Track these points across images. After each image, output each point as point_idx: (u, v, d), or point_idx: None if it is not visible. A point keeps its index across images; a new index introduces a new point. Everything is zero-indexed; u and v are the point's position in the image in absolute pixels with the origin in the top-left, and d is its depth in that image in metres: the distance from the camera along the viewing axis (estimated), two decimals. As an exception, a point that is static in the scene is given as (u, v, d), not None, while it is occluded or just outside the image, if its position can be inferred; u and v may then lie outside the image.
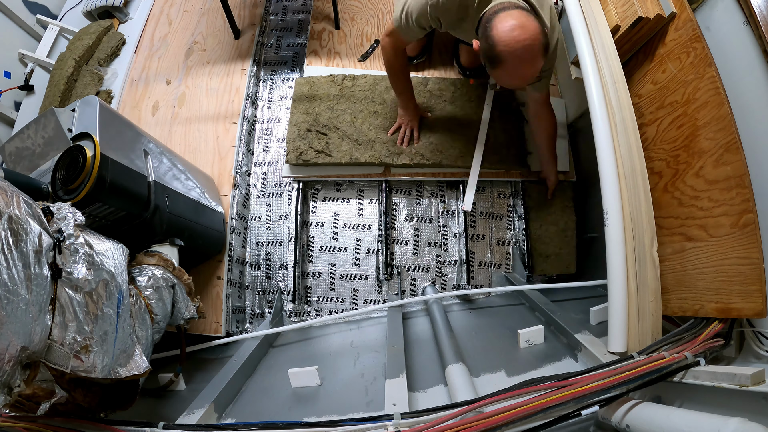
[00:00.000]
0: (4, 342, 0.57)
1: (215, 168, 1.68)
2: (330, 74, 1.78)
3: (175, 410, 1.00)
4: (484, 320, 1.46)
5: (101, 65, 1.93)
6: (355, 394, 1.06)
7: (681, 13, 1.14)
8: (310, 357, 1.37)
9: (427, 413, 0.76)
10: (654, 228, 1.06)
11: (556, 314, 1.23)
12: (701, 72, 1.05)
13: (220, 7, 1.90)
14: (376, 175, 1.66)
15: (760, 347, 0.90)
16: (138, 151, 1.12)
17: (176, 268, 1.09)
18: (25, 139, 1.05)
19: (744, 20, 1.01)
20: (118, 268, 0.80)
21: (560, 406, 0.71)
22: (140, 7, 2.16)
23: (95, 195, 0.91)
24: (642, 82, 1.28)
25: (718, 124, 0.99)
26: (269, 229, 1.76)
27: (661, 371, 0.78)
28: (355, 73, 1.78)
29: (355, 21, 2.01)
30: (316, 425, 0.76)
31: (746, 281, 0.89)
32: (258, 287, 1.70)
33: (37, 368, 0.63)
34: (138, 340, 0.84)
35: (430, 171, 1.66)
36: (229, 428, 0.80)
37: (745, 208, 0.91)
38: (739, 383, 0.71)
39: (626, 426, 0.73)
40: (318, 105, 1.70)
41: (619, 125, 1.09)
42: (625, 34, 1.21)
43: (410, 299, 1.58)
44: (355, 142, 1.62)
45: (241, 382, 1.16)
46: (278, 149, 1.87)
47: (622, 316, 1.00)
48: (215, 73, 1.91)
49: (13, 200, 0.64)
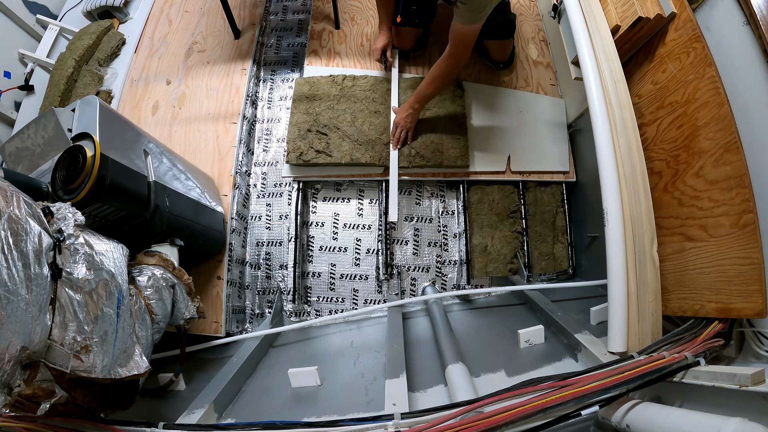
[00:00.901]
0: (4, 342, 0.57)
1: (215, 168, 1.68)
2: (330, 74, 1.79)
3: (175, 410, 1.00)
4: (484, 320, 1.46)
5: (101, 65, 1.93)
6: (355, 394, 1.06)
7: (681, 13, 1.14)
8: (310, 357, 1.37)
9: (427, 413, 0.76)
10: (654, 228, 1.06)
11: (556, 314, 1.23)
12: (701, 72, 1.05)
13: (220, 7, 1.90)
14: (377, 175, 1.66)
15: (760, 347, 0.91)
16: (138, 151, 1.12)
17: (176, 268, 1.09)
18: (25, 139, 1.05)
19: (744, 20, 1.01)
20: (118, 268, 0.80)
21: (560, 406, 0.71)
22: (140, 7, 2.16)
23: (95, 195, 0.91)
24: (642, 82, 1.28)
25: (718, 124, 0.99)
26: (269, 229, 1.76)
27: (661, 371, 0.78)
28: (355, 74, 1.78)
29: (355, 21, 2.01)
30: (316, 425, 0.76)
31: (746, 281, 0.89)
32: (258, 287, 1.70)
33: (37, 368, 0.63)
34: (138, 340, 0.84)
35: (430, 171, 1.66)
36: (229, 428, 0.80)
37: (745, 208, 0.91)
38: (739, 383, 0.71)
39: (626, 426, 0.73)
40: (318, 105, 1.70)
41: (619, 125, 1.09)
42: (625, 34, 1.21)
43: (410, 299, 1.58)
44: (356, 142, 1.62)
45: (241, 382, 1.16)
46: (278, 149, 1.87)
47: (622, 316, 1.00)
48: (215, 73, 1.91)
49: (13, 200, 0.64)
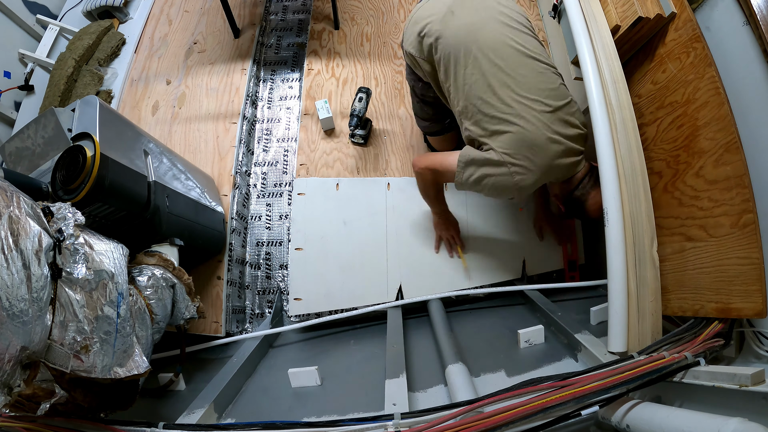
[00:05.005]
0: (4, 342, 0.57)
1: (215, 168, 1.68)
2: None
3: (175, 410, 1.00)
4: (484, 320, 1.46)
5: (101, 65, 1.93)
6: (355, 394, 1.06)
7: (681, 13, 1.14)
8: (310, 357, 1.37)
9: (427, 413, 0.76)
10: (654, 228, 1.06)
11: (556, 314, 1.23)
12: (701, 72, 1.05)
13: (220, 7, 1.90)
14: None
15: (760, 347, 0.90)
16: (138, 151, 1.12)
17: (176, 268, 1.09)
18: (25, 139, 1.05)
19: (744, 20, 1.01)
20: (118, 268, 0.80)
21: (560, 406, 0.71)
22: (140, 7, 2.17)
23: (95, 195, 0.91)
24: (642, 82, 1.28)
25: (718, 124, 0.99)
26: (269, 229, 1.76)
27: (661, 371, 0.78)
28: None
29: (355, 21, 2.01)
30: (316, 425, 0.76)
31: (746, 281, 0.89)
32: (258, 287, 1.70)
33: (37, 368, 0.63)
34: (138, 340, 0.84)
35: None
36: (229, 428, 0.80)
37: (745, 208, 0.91)
38: (739, 383, 0.71)
39: (626, 426, 0.73)
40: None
41: (619, 125, 1.09)
42: (625, 34, 1.21)
43: (410, 299, 1.57)
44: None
45: (241, 382, 1.16)
46: (278, 149, 1.87)
47: (622, 316, 1.00)
48: (215, 73, 1.92)
49: (13, 200, 0.64)
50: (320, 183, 1.63)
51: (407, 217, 1.59)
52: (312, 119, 1.76)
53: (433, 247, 1.55)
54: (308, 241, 1.54)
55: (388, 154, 1.71)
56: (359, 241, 1.55)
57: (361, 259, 1.53)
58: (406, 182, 1.64)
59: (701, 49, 1.06)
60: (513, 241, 1.58)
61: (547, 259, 1.64)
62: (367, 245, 1.55)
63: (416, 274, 1.53)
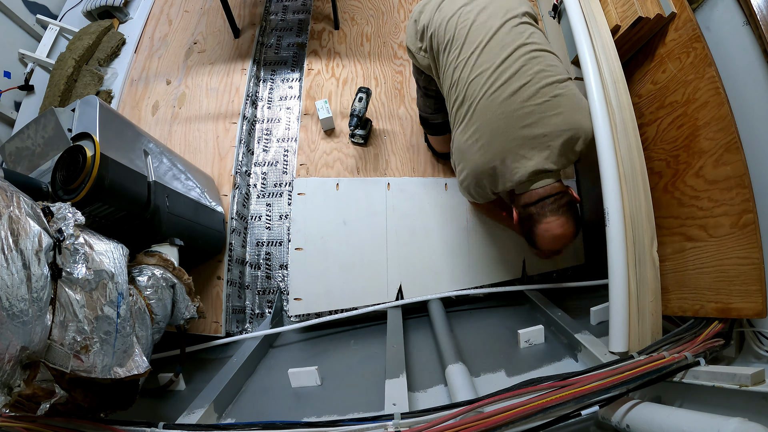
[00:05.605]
0: (4, 342, 0.57)
1: (215, 168, 1.68)
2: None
3: (175, 410, 1.00)
4: (484, 320, 1.46)
5: (101, 65, 1.93)
6: (355, 394, 1.06)
7: (681, 13, 1.14)
8: (310, 357, 1.37)
9: (427, 413, 0.76)
10: (654, 228, 1.06)
11: (556, 314, 1.23)
12: (701, 72, 1.05)
13: (220, 7, 1.90)
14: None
15: (760, 347, 0.90)
16: (138, 151, 1.12)
17: (176, 268, 1.09)
18: (25, 139, 1.05)
19: (744, 20, 1.01)
20: (118, 268, 0.80)
21: (560, 406, 0.71)
22: (140, 7, 2.17)
23: (95, 195, 0.91)
24: (642, 82, 1.28)
25: (718, 124, 0.99)
26: (269, 229, 1.76)
27: (661, 371, 0.78)
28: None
29: (355, 21, 2.01)
30: (316, 425, 0.76)
31: (746, 281, 0.89)
32: (258, 287, 1.70)
33: (37, 368, 0.63)
34: (138, 340, 0.84)
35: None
36: (229, 428, 0.80)
37: (745, 208, 0.91)
38: (739, 383, 0.71)
39: (626, 426, 0.73)
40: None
41: (619, 125, 1.09)
42: (625, 34, 1.21)
43: (410, 299, 1.57)
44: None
45: (241, 382, 1.16)
46: (278, 149, 1.87)
47: (622, 316, 1.00)
48: (215, 73, 1.91)
49: (13, 200, 0.64)
50: (320, 183, 1.63)
51: (407, 217, 1.58)
52: (312, 119, 1.76)
53: (433, 247, 1.55)
54: (308, 241, 1.54)
55: (388, 154, 1.71)
56: (359, 241, 1.55)
57: (361, 259, 1.53)
58: (406, 182, 1.63)
59: (701, 49, 1.06)
60: (513, 241, 1.58)
61: (548, 259, 1.64)
62: (367, 245, 1.55)
63: (416, 274, 1.53)
